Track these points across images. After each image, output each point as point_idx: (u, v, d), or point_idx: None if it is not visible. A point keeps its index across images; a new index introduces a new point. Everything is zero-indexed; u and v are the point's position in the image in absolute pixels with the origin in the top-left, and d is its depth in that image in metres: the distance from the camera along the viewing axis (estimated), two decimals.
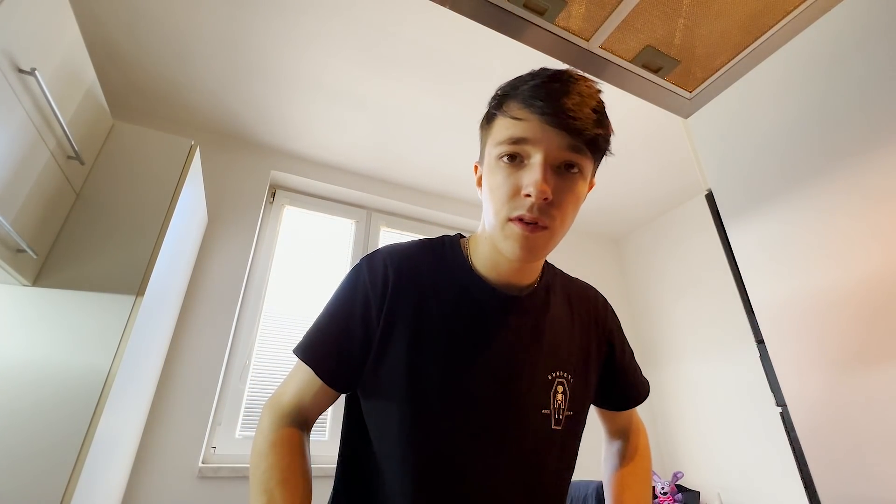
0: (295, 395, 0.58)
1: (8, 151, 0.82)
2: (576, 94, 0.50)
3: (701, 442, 2.12)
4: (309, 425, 0.59)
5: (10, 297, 0.96)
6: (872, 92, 0.76)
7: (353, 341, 0.56)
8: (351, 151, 2.10)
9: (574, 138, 0.50)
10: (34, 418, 0.87)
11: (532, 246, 0.51)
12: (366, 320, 0.56)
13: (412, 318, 0.56)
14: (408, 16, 1.45)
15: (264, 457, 0.52)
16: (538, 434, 0.56)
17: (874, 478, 0.69)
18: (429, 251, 0.62)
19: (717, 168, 1.02)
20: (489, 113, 0.58)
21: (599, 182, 2.30)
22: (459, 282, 0.59)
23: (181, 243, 1.36)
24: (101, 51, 1.55)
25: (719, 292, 2.17)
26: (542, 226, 0.50)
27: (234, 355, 1.74)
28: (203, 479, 1.46)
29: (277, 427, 0.56)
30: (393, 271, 0.58)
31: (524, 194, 0.50)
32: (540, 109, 0.50)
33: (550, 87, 0.51)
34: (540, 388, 0.57)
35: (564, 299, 0.66)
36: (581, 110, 0.50)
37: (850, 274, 0.75)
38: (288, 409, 0.57)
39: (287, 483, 0.50)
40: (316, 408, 0.58)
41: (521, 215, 0.50)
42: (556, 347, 0.60)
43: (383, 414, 0.55)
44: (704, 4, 0.85)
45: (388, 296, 0.56)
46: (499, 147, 0.52)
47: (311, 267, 2.05)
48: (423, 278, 0.58)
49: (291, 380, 0.59)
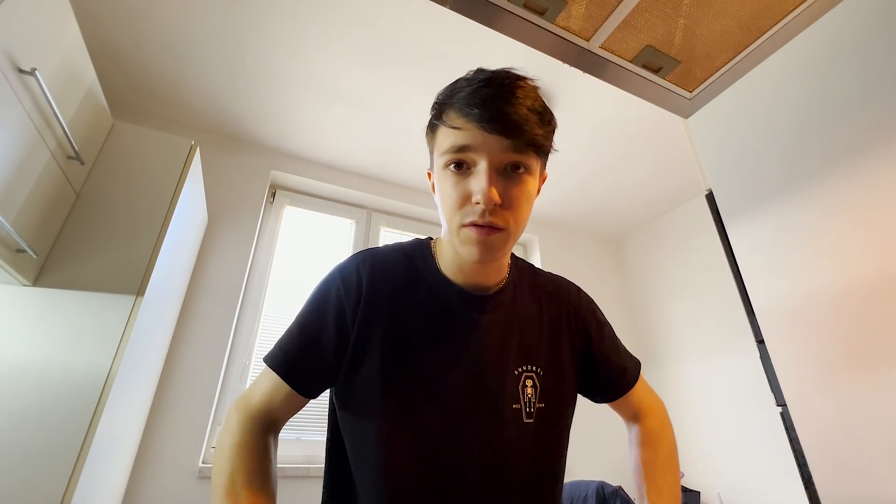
0: (264, 399, 0.57)
1: (8, 151, 0.82)
2: (511, 96, 0.51)
3: (701, 442, 2.12)
4: (277, 428, 0.58)
5: (10, 297, 0.96)
6: (872, 92, 0.76)
7: (325, 348, 0.57)
8: (351, 151, 2.10)
9: (514, 140, 0.50)
10: (34, 418, 0.87)
11: (489, 248, 0.52)
12: (340, 327, 0.57)
13: (386, 322, 0.57)
14: (407, 16, 1.45)
15: (229, 461, 0.51)
16: (511, 429, 0.56)
17: (874, 478, 0.69)
18: (400, 255, 0.64)
19: (717, 168, 1.02)
20: (431, 122, 0.58)
21: (600, 182, 2.30)
22: (428, 284, 0.60)
23: (181, 243, 1.36)
24: (101, 51, 1.55)
25: (719, 292, 2.17)
26: (497, 227, 0.52)
27: (234, 355, 1.74)
28: (203, 479, 1.46)
29: (245, 430, 0.54)
30: (366, 277, 0.59)
31: (474, 202, 0.51)
32: (477, 117, 0.50)
33: (485, 92, 0.51)
34: (509, 383, 0.58)
35: (532, 296, 0.67)
36: (518, 112, 0.50)
37: (851, 273, 0.75)
38: (256, 412, 0.56)
39: (252, 486, 0.50)
40: (285, 412, 0.58)
41: (473, 221, 0.51)
42: (524, 343, 0.61)
43: (358, 419, 0.56)
44: (704, 4, 0.85)
45: (363, 301, 0.57)
46: (444, 156, 0.54)
47: (311, 267, 2.05)
48: (395, 282, 0.60)
49: (261, 383, 0.58)
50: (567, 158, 2.13)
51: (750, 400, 1.94)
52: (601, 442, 2.14)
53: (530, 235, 2.63)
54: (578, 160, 2.15)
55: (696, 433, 2.16)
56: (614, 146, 2.04)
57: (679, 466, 0.68)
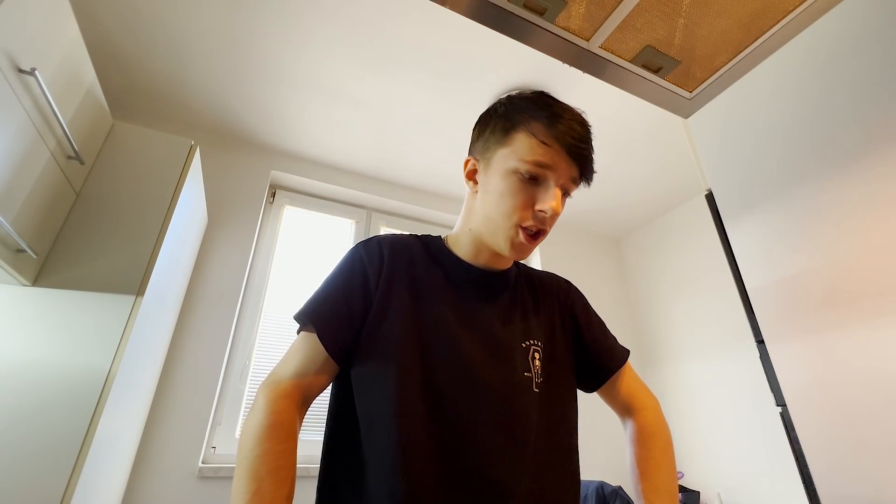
0: (294, 371, 0.58)
1: (8, 151, 0.82)
2: (589, 138, 0.61)
3: (701, 442, 2.12)
4: (306, 405, 0.58)
5: (10, 297, 0.96)
6: (872, 91, 0.76)
7: (352, 307, 0.60)
8: (351, 151, 2.10)
9: (582, 172, 0.61)
10: (34, 418, 0.87)
11: (529, 251, 0.62)
12: (364, 290, 0.61)
13: (406, 286, 0.62)
14: (407, 16, 1.45)
15: (259, 441, 0.51)
16: (523, 394, 0.60)
17: (874, 478, 0.69)
18: (416, 239, 0.71)
19: (717, 168, 1.02)
20: (508, 124, 0.63)
21: (600, 182, 2.30)
22: (444, 264, 0.68)
23: (181, 243, 1.36)
24: (101, 51, 1.55)
25: (719, 292, 2.17)
26: (544, 233, 0.61)
27: (234, 355, 1.74)
28: (203, 479, 1.46)
29: (274, 410, 0.54)
30: (388, 250, 0.65)
31: (538, 209, 0.59)
32: (568, 145, 0.58)
33: (577, 126, 0.60)
34: (520, 352, 0.63)
35: (529, 284, 0.74)
36: (591, 153, 0.61)
37: (851, 272, 0.75)
38: (286, 389, 0.56)
39: (278, 472, 0.50)
40: (316, 384, 0.59)
41: (529, 226, 0.59)
42: (528, 319, 0.68)
43: (377, 372, 0.58)
44: (704, 4, 0.85)
45: (385, 267, 0.63)
46: (521, 164, 0.59)
47: (311, 267, 2.05)
48: (413, 257, 0.66)
49: (290, 356, 0.59)
50: None
51: (750, 400, 1.94)
52: (601, 442, 2.13)
53: None
54: None
55: (696, 433, 2.16)
56: (614, 146, 2.04)
57: (675, 463, 0.68)
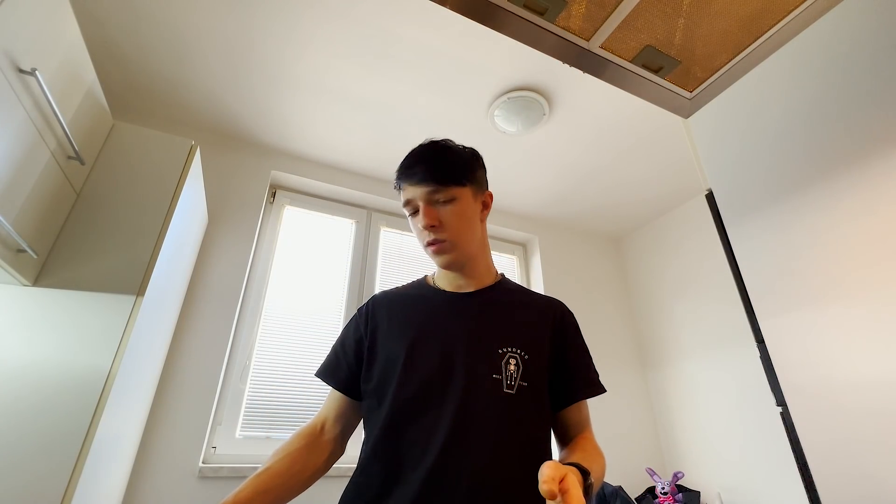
0: (321, 411, 0.79)
1: (8, 151, 0.82)
2: (418, 157, 0.78)
3: (701, 442, 2.12)
4: (323, 427, 0.77)
5: (11, 297, 0.96)
6: (872, 91, 0.76)
7: (348, 354, 0.80)
8: (351, 151, 2.10)
9: (426, 186, 0.74)
10: (34, 418, 0.87)
11: (441, 253, 0.76)
12: (357, 337, 0.80)
13: (386, 323, 0.79)
14: (407, 16, 1.45)
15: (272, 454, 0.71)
16: (489, 395, 0.68)
17: (874, 478, 0.69)
18: (403, 287, 0.88)
19: (717, 168, 1.02)
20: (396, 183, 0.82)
21: (600, 182, 2.31)
22: (419, 293, 0.84)
23: (181, 243, 1.36)
24: (101, 51, 1.55)
25: (719, 292, 2.17)
26: (440, 241, 0.74)
27: (234, 355, 1.74)
28: (203, 479, 1.46)
29: (297, 431, 0.76)
30: (372, 303, 0.84)
31: (422, 228, 0.75)
32: (405, 180, 0.77)
33: (407, 161, 0.78)
34: (490, 357, 0.70)
35: (524, 301, 0.82)
36: (420, 167, 0.76)
37: (851, 272, 0.75)
38: (309, 422, 0.78)
39: (261, 475, 0.66)
40: (336, 416, 0.78)
41: (427, 242, 0.76)
42: (509, 330, 0.75)
43: (373, 398, 0.73)
44: (704, 4, 0.85)
45: (370, 317, 0.81)
46: (405, 208, 0.79)
47: (311, 267, 2.05)
48: (396, 298, 0.84)
49: None
50: (567, 158, 2.14)
51: (750, 400, 1.94)
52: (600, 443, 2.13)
53: (530, 235, 2.62)
54: (578, 160, 2.15)
55: (696, 433, 2.16)
56: (614, 146, 2.04)
57: (604, 475, 0.69)
